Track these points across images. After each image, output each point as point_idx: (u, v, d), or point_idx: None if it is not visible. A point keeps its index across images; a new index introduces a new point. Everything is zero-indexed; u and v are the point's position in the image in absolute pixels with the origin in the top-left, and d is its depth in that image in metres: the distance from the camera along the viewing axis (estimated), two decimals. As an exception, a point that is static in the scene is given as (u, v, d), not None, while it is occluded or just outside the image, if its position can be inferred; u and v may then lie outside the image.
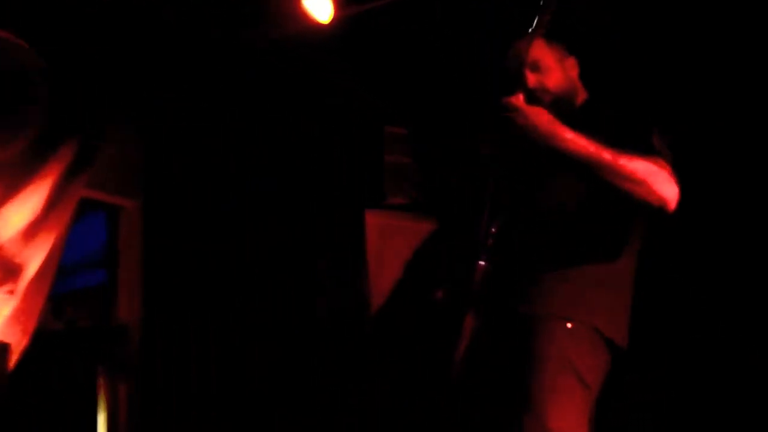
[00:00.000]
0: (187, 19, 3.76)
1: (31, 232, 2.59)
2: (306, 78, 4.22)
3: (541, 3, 2.43)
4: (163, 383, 3.77)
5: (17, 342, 2.54)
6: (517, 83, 2.51)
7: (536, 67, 2.61)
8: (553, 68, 2.64)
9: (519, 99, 2.42)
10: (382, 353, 4.06)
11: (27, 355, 2.58)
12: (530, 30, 2.47)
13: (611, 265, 2.50)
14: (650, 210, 2.34)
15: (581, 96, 2.69)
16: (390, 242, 4.28)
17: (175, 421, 3.73)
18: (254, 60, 4.02)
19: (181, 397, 3.77)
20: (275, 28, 3.81)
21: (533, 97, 2.52)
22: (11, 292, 2.53)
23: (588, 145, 2.32)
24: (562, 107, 2.55)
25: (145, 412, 3.71)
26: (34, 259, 2.61)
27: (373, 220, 4.32)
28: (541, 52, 2.61)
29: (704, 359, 3.42)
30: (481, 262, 2.52)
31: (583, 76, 2.70)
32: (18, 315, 2.54)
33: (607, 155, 2.31)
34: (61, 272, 2.70)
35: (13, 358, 2.54)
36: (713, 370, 3.41)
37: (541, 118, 2.37)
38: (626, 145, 2.34)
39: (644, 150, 2.36)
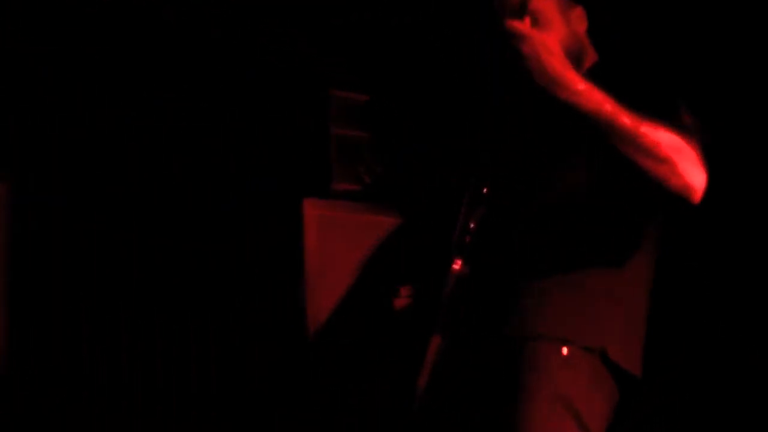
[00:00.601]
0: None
1: None
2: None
3: None
4: (35, 411, 3.37)
5: None
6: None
7: (533, 20, 2.08)
8: (554, 21, 2.16)
9: (526, 23, 1.93)
10: (325, 375, 3.54)
11: None
12: None
13: (623, 271, 2.04)
14: (669, 196, 1.92)
15: (590, 57, 2.23)
16: (334, 239, 3.56)
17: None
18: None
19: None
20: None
21: None
22: None
23: (603, 102, 1.87)
24: None
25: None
26: None
27: (312, 211, 3.61)
28: (539, 1, 2.14)
29: (709, 360, 3.41)
30: (455, 265, 2.04)
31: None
32: None
33: (626, 119, 1.86)
34: None
35: None
36: (718, 371, 3.40)
37: (552, 54, 1.88)
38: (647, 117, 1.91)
39: (671, 123, 1.93)
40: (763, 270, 3.31)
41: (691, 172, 1.89)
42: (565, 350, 1.96)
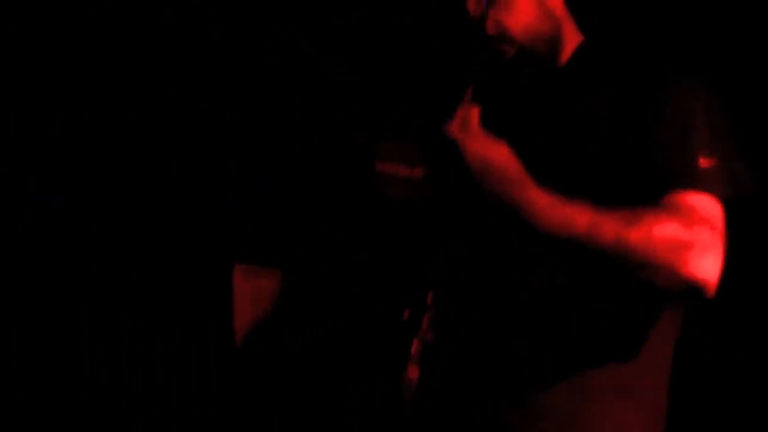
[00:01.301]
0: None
1: None
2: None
3: None
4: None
5: None
6: (477, 44, 1.58)
7: (491, 0, 1.65)
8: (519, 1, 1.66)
9: (471, 119, 1.48)
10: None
11: None
12: None
13: (640, 360, 1.56)
14: (675, 296, 1.51)
15: (571, 41, 1.73)
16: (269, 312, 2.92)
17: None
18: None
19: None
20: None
21: (495, 56, 1.53)
22: None
23: (575, 218, 1.41)
24: (536, 65, 1.66)
25: None
26: None
27: (245, 282, 2.97)
28: None
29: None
30: (412, 373, 1.53)
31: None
32: None
33: (607, 231, 1.40)
34: None
35: None
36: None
37: (502, 171, 1.44)
38: (650, 143, 1.49)
39: (680, 163, 1.50)
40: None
41: (698, 266, 1.45)
42: None
